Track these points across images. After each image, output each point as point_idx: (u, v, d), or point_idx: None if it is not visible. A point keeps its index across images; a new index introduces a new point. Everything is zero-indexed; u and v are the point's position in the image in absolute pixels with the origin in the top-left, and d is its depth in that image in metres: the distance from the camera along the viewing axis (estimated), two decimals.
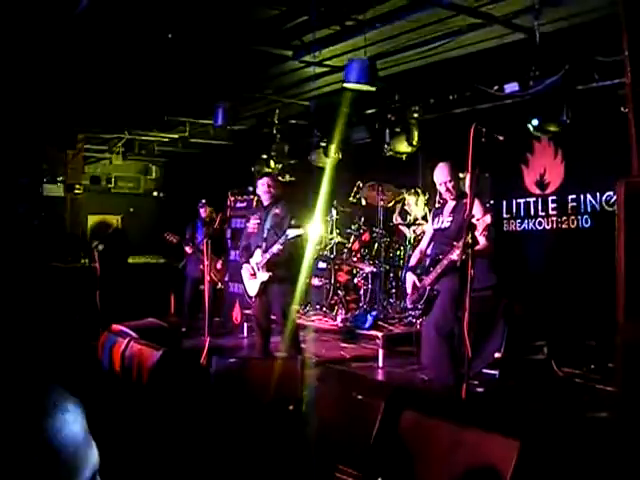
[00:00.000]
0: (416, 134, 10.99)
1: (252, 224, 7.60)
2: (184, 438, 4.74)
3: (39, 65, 9.17)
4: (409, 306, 6.90)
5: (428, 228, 7.17)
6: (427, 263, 6.67)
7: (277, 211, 7.39)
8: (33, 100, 10.85)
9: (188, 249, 10.96)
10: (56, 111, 11.67)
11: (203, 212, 11.19)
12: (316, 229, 6.83)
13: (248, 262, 7.44)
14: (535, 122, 9.11)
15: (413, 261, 7.04)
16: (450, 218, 6.56)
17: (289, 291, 7.33)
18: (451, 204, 6.73)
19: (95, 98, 10.96)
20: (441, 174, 6.70)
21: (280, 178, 7.74)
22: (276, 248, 7.07)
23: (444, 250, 6.32)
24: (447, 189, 6.64)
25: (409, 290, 6.70)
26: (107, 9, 7.30)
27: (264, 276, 7.21)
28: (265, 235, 7.36)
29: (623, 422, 3.59)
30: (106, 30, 7.95)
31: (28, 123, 12.03)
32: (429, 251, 6.87)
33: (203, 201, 11.25)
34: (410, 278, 6.70)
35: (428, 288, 6.44)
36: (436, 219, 6.84)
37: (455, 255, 5.88)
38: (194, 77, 10.25)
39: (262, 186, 7.53)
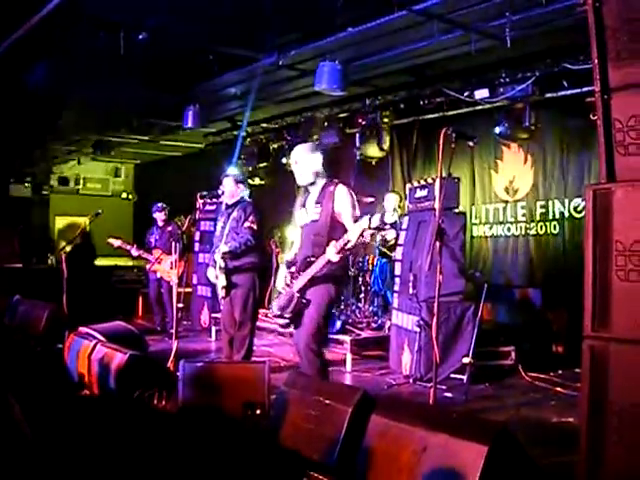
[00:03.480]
0: (387, 138, 11.02)
1: (219, 227, 7.54)
2: (150, 444, 4.70)
3: None
4: (275, 311, 5.80)
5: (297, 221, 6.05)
6: (296, 266, 5.75)
7: (235, 214, 7.31)
8: None
9: (133, 251, 11.06)
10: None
11: (161, 216, 11.28)
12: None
13: (213, 265, 7.36)
14: (503, 129, 9.20)
15: (290, 255, 6.11)
16: (318, 209, 5.67)
17: (248, 298, 7.25)
18: (314, 192, 5.83)
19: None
20: (302, 153, 5.89)
21: (250, 181, 7.66)
22: (226, 249, 7.09)
23: (315, 250, 5.55)
24: (307, 171, 5.82)
25: (279, 288, 5.82)
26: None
27: (223, 280, 7.16)
28: (223, 239, 7.30)
29: (588, 428, 3.60)
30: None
31: None
32: (299, 252, 5.93)
33: (159, 205, 11.33)
34: (282, 274, 5.86)
35: (297, 295, 5.56)
36: (300, 212, 5.92)
37: (332, 254, 5.29)
38: (165, 78, 10.22)
39: (224, 187, 7.45)
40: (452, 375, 7.34)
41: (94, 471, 3.98)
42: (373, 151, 11.12)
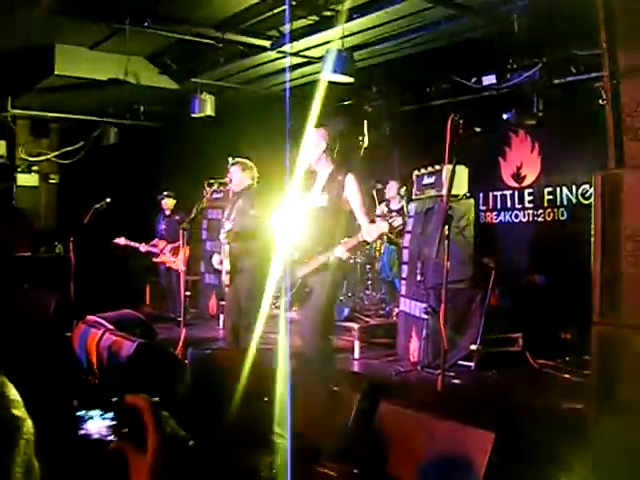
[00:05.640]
0: (394, 126, 11.00)
1: (225, 214, 7.55)
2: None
3: None
4: (275, 294, 6.06)
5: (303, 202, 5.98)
6: (300, 251, 5.75)
7: (240, 202, 7.31)
8: None
9: (142, 248, 11.16)
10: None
11: (164, 204, 11.32)
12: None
13: (218, 251, 7.38)
14: (510, 115, 9.16)
15: (283, 243, 6.01)
16: (325, 196, 5.66)
17: (254, 284, 7.22)
18: (321, 178, 5.81)
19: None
20: (316, 139, 5.77)
21: (252, 166, 7.66)
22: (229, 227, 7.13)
23: (321, 239, 5.58)
24: (320, 157, 5.73)
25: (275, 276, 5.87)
26: None
27: (227, 265, 7.15)
28: (227, 224, 7.31)
29: (597, 414, 3.60)
30: None
31: None
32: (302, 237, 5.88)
33: (165, 192, 11.38)
34: (278, 263, 5.85)
35: (299, 282, 5.65)
36: (304, 194, 5.89)
37: (342, 253, 5.32)
38: (170, 67, 10.23)
39: (231, 174, 7.44)
40: (460, 362, 7.34)
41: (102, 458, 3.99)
42: (380, 138, 11.11)
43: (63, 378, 5.82)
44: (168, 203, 11.33)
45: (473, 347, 7.07)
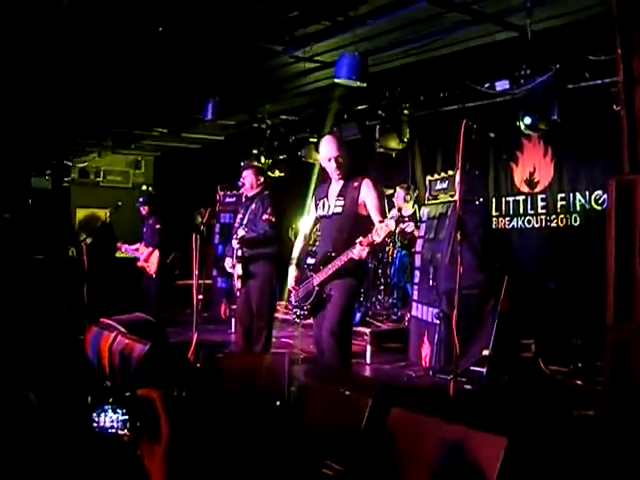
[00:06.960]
0: (407, 131, 10.98)
1: (238, 218, 7.55)
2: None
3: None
4: (293, 303, 6.03)
5: (312, 213, 6.10)
6: (316, 258, 5.81)
7: (253, 206, 7.31)
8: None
9: (123, 248, 11.24)
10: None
11: (142, 210, 11.23)
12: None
13: (230, 255, 7.38)
14: (527, 120, 9.12)
15: (296, 252, 6.13)
16: (341, 202, 5.69)
17: (266, 288, 7.23)
18: (337, 185, 5.83)
19: (85, 93, 10.92)
20: (330, 148, 5.76)
21: (269, 173, 7.65)
22: (243, 234, 7.14)
23: (336, 246, 5.59)
24: (337, 165, 5.71)
25: (290, 286, 6.01)
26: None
27: (239, 269, 7.17)
28: (241, 231, 7.31)
29: (610, 420, 3.59)
30: (96, 23, 7.92)
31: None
32: (317, 242, 6.08)
33: (141, 199, 11.31)
34: (292, 273, 6.00)
35: (317, 289, 5.68)
36: (320, 203, 5.91)
37: (356, 253, 5.23)
38: (184, 71, 10.23)
39: (244, 178, 7.45)
40: (472, 367, 7.32)
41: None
42: (393, 143, 11.09)
43: (76, 377, 5.84)
44: (145, 208, 11.25)
45: (485, 353, 7.05)
